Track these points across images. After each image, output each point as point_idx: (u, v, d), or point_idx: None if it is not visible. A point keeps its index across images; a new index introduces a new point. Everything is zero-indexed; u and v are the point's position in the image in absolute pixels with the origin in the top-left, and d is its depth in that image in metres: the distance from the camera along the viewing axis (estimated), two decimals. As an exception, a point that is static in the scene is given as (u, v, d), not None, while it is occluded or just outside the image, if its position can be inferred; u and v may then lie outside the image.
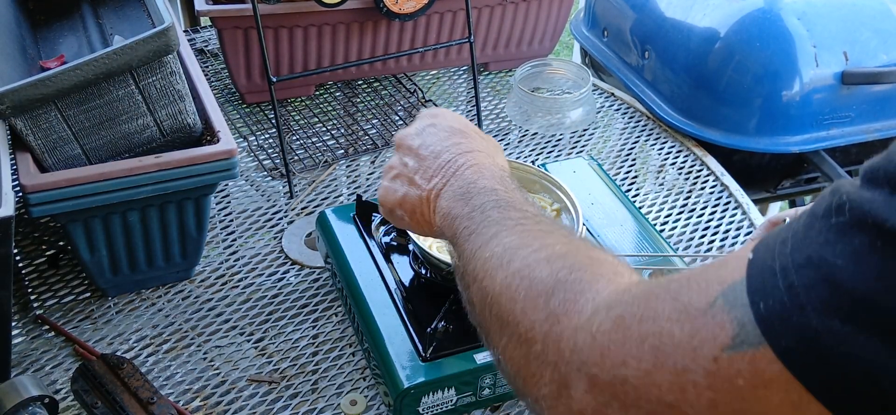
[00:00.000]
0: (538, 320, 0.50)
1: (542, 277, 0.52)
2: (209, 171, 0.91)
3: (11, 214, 0.74)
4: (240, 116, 1.37)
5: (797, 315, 0.36)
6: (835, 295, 0.36)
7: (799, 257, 0.38)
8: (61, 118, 0.88)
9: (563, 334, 0.48)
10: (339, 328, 0.97)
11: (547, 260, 0.54)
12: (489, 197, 0.64)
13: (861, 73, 1.28)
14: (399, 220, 0.75)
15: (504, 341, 0.54)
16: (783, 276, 0.38)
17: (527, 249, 0.56)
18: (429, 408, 0.82)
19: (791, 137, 1.30)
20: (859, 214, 0.36)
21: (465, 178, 0.68)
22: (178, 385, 0.90)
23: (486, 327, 0.57)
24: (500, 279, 0.55)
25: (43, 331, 0.96)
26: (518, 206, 0.63)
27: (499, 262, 0.57)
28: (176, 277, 1.02)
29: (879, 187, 0.37)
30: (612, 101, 1.47)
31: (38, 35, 1.13)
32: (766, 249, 0.40)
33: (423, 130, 0.75)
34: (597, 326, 0.46)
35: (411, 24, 1.36)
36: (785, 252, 0.38)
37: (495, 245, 0.58)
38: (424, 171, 0.71)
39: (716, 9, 1.32)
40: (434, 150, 0.72)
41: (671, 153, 1.33)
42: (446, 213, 0.67)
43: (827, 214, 0.38)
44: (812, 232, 0.38)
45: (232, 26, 1.27)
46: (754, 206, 1.21)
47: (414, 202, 0.72)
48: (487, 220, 0.62)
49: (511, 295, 0.54)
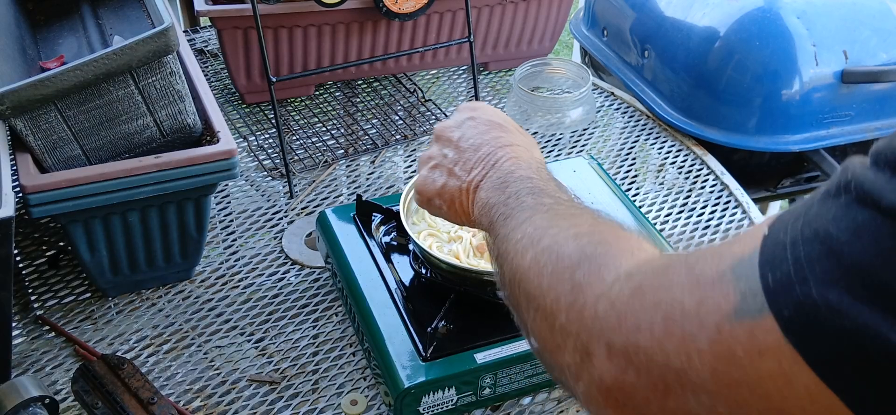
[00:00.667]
0: (563, 292, 0.52)
1: (569, 252, 0.54)
2: (209, 171, 0.91)
3: (11, 215, 0.74)
4: (240, 116, 1.37)
5: (800, 286, 0.38)
6: (836, 267, 0.37)
7: (808, 231, 0.39)
8: (61, 119, 0.88)
9: (586, 303, 0.49)
10: (339, 328, 0.97)
11: (574, 237, 0.55)
12: (524, 185, 0.66)
13: (861, 71, 1.28)
14: (437, 209, 0.76)
15: (531, 314, 0.56)
16: (792, 249, 0.39)
17: (556, 227, 0.58)
18: (429, 408, 0.82)
19: (791, 136, 1.30)
20: (862, 192, 0.38)
21: (504, 168, 0.70)
22: (179, 385, 0.90)
23: (516, 303, 0.59)
24: (530, 257, 0.57)
25: (43, 331, 0.96)
26: (551, 192, 0.65)
27: (530, 241, 0.58)
28: (176, 278, 1.02)
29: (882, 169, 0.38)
30: (611, 100, 1.47)
31: (37, 35, 1.13)
32: (780, 225, 0.41)
33: (463, 123, 0.76)
34: (616, 293, 0.48)
35: (411, 24, 1.36)
36: (797, 227, 0.40)
37: (527, 226, 0.60)
38: (464, 162, 0.73)
39: (715, 8, 1.32)
40: (474, 142, 0.73)
41: (671, 152, 1.33)
42: (484, 202, 0.69)
43: (837, 192, 0.39)
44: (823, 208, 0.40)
45: (232, 26, 1.27)
46: (754, 205, 1.21)
47: (453, 192, 0.73)
48: (521, 205, 0.64)
49: (538, 270, 0.55)
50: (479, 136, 0.74)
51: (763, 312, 0.39)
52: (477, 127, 0.75)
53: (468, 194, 0.72)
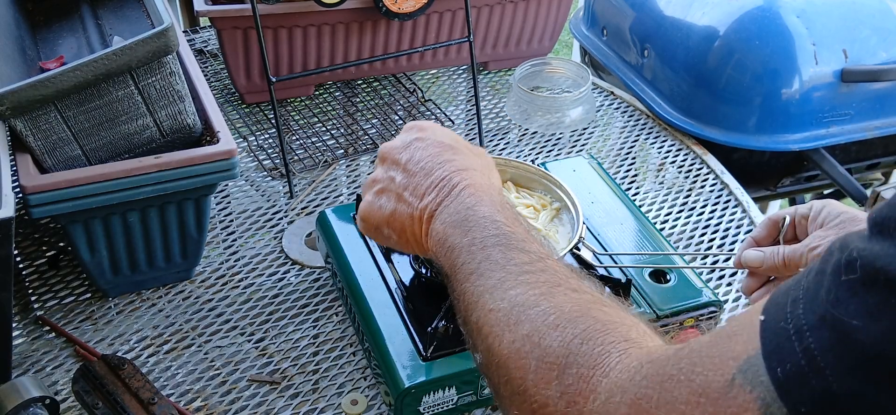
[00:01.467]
0: (552, 397, 0.49)
1: (554, 347, 0.51)
2: (209, 171, 0.91)
3: (12, 216, 0.74)
4: (239, 116, 1.37)
5: (815, 378, 0.36)
6: (852, 355, 0.35)
7: (812, 318, 0.37)
8: (61, 119, 0.88)
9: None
10: (339, 328, 0.97)
11: (556, 326, 0.52)
12: (490, 231, 0.61)
13: (861, 70, 1.28)
14: (385, 238, 0.72)
15: (515, 410, 0.53)
16: (798, 339, 0.37)
17: (535, 310, 0.54)
18: (429, 407, 0.82)
19: (791, 135, 1.30)
20: (871, 271, 0.35)
21: (463, 201, 0.65)
22: (179, 385, 0.90)
23: (495, 385, 0.56)
24: (508, 342, 0.54)
25: (43, 332, 0.96)
26: (520, 244, 0.60)
27: (506, 320, 0.55)
28: (176, 278, 1.02)
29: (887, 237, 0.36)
30: (611, 99, 1.47)
31: (37, 36, 1.13)
32: (777, 310, 0.39)
33: (410, 144, 0.71)
34: (613, 412, 0.45)
35: (411, 24, 1.36)
36: (798, 313, 0.38)
37: (500, 299, 0.56)
38: (415, 187, 0.68)
39: (715, 7, 1.33)
40: (425, 166, 0.68)
41: (671, 152, 1.33)
42: (441, 239, 0.64)
43: (836, 270, 0.37)
44: (822, 291, 0.37)
45: (231, 26, 1.27)
46: (754, 204, 1.21)
47: (404, 220, 0.68)
48: (489, 261, 0.59)
49: (520, 363, 0.52)
50: (429, 158, 0.69)
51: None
52: (426, 148, 0.70)
53: (421, 223, 0.67)
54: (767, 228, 0.82)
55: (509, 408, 0.54)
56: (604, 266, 0.92)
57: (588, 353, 0.49)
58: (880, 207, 0.37)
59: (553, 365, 0.50)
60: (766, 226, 0.83)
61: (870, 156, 1.44)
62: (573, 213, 0.92)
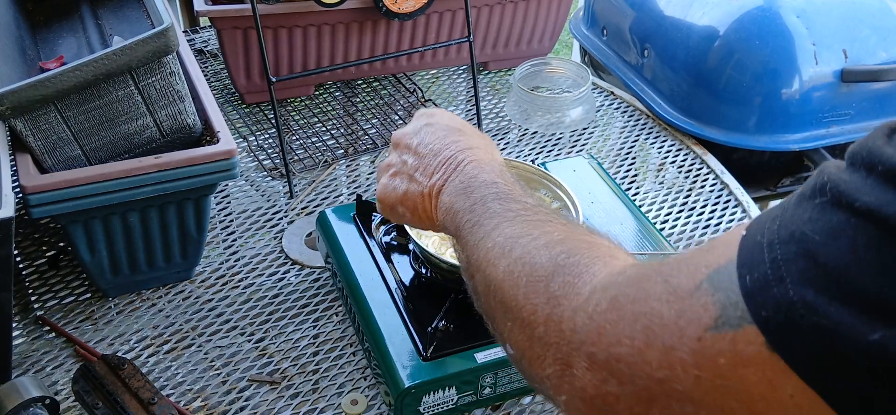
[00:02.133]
0: (540, 304, 0.53)
1: (542, 263, 0.54)
2: (209, 171, 0.91)
3: (12, 216, 0.74)
4: (239, 116, 1.37)
5: (777, 286, 0.39)
6: (811, 267, 0.38)
7: (784, 233, 0.40)
8: (61, 119, 0.88)
9: (563, 316, 0.50)
10: (339, 328, 0.97)
11: (546, 246, 0.56)
12: (490, 190, 0.66)
13: (860, 70, 1.28)
14: (400, 216, 0.77)
15: (508, 325, 0.56)
16: (769, 250, 0.40)
17: (527, 237, 0.58)
18: (429, 407, 0.82)
19: (791, 135, 1.30)
20: (837, 194, 0.39)
21: (467, 172, 0.70)
22: (179, 385, 0.90)
23: (491, 313, 0.60)
24: (503, 267, 0.58)
25: (43, 332, 0.96)
26: (517, 197, 0.65)
27: (501, 251, 0.59)
28: (176, 278, 1.02)
29: (856, 170, 0.39)
30: (611, 99, 1.47)
31: (37, 36, 1.13)
32: (757, 226, 0.42)
33: (421, 130, 0.76)
34: (593, 306, 0.48)
35: (411, 24, 1.36)
36: (773, 229, 0.41)
37: (497, 235, 0.60)
38: (425, 168, 0.73)
39: (715, 7, 1.32)
40: (433, 147, 0.74)
41: (671, 152, 1.33)
42: (448, 207, 0.69)
43: (812, 194, 0.40)
44: (798, 210, 0.40)
45: (231, 26, 1.27)
46: (754, 204, 1.22)
47: (415, 199, 0.73)
48: (488, 211, 0.64)
49: (513, 281, 0.56)
50: (437, 141, 0.74)
51: (744, 322, 0.40)
52: (435, 132, 0.75)
53: (430, 199, 0.72)
54: None
55: (502, 326, 0.57)
56: None
57: (575, 263, 0.53)
58: (854, 144, 0.41)
59: (541, 278, 0.54)
60: None
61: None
62: (573, 213, 0.92)
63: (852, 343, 0.36)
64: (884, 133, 0.39)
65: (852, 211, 0.37)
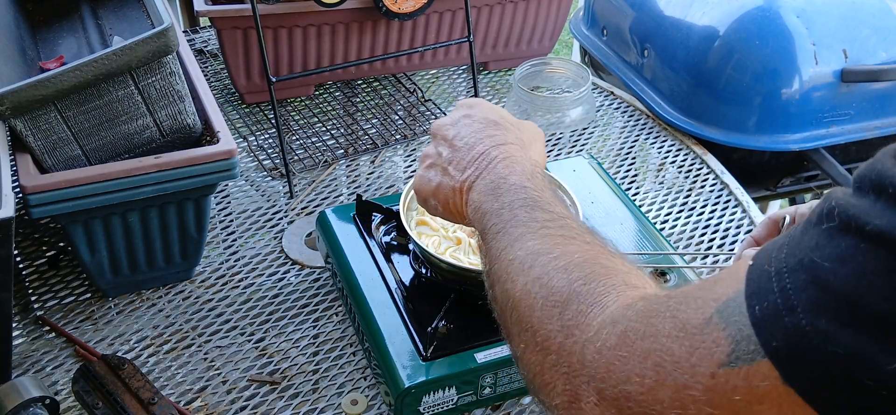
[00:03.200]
0: (553, 331, 0.52)
1: (559, 287, 0.54)
2: (209, 171, 0.91)
3: (12, 216, 0.74)
4: (239, 116, 1.37)
5: (788, 315, 0.38)
6: (822, 295, 0.37)
7: (792, 261, 0.39)
8: (61, 119, 0.88)
9: (574, 348, 0.50)
10: (339, 328, 0.97)
11: (564, 269, 0.55)
12: (518, 195, 0.65)
13: (860, 70, 1.28)
14: (433, 209, 0.76)
15: (522, 346, 0.56)
16: (777, 279, 0.39)
17: (547, 256, 0.58)
18: (429, 407, 0.82)
19: (791, 135, 1.30)
20: (845, 218, 0.38)
21: (497, 172, 0.69)
22: (179, 385, 0.90)
23: (507, 328, 0.60)
24: (521, 285, 0.57)
25: (43, 332, 0.96)
26: (545, 206, 0.64)
27: (521, 266, 0.58)
28: (176, 278, 1.02)
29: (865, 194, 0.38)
30: (611, 99, 1.47)
31: (37, 36, 1.13)
32: (764, 256, 0.42)
33: (458, 121, 0.75)
34: (603, 341, 0.48)
35: (411, 24, 1.36)
36: (780, 257, 0.40)
37: (519, 248, 0.60)
38: (458, 162, 0.72)
39: (715, 7, 1.32)
40: (468, 141, 0.73)
41: (671, 152, 1.33)
42: (477, 206, 0.69)
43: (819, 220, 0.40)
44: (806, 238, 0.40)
45: (231, 26, 1.27)
46: (754, 204, 1.21)
47: (447, 193, 0.73)
48: (515, 219, 0.63)
49: (530, 302, 0.56)
50: (473, 134, 0.73)
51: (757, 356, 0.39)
52: (472, 125, 0.74)
53: (461, 194, 0.71)
54: (768, 227, 0.83)
55: (517, 345, 0.57)
56: None
57: (589, 292, 0.52)
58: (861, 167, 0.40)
59: (557, 303, 0.53)
60: (767, 225, 0.83)
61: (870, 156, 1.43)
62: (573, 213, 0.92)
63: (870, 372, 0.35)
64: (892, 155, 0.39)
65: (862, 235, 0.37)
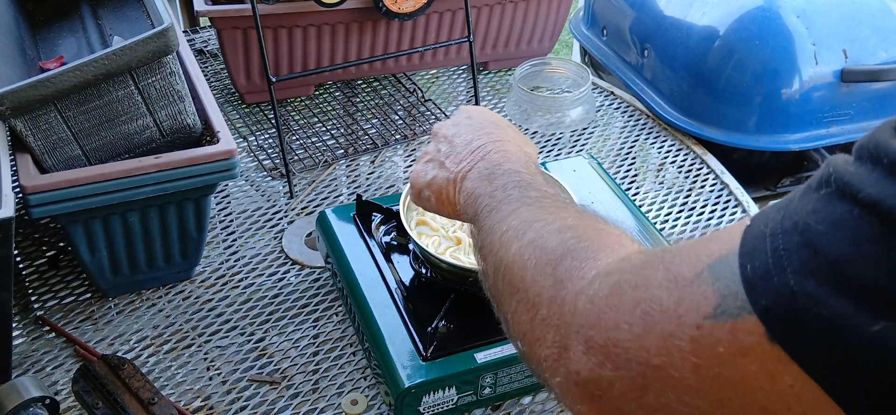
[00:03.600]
0: (545, 286, 0.53)
1: (553, 246, 0.55)
2: (209, 171, 0.91)
3: (12, 216, 0.74)
4: (239, 116, 1.37)
5: (778, 275, 0.38)
6: (813, 258, 0.38)
7: (787, 223, 0.40)
8: (61, 119, 0.88)
9: (566, 299, 0.51)
10: (339, 328, 0.97)
11: (558, 231, 0.57)
12: (512, 178, 0.67)
13: (861, 70, 1.28)
14: (426, 201, 0.78)
15: (513, 306, 0.57)
16: (771, 240, 0.40)
17: (541, 222, 0.59)
18: (429, 407, 0.82)
19: (791, 135, 1.30)
20: (842, 185, 0.38)
21: (491, 160, 0.71)
22: (179, 385, 0.90)
23: (498, 294, 0.60)
24: (515, 249, 0.59)
25: (43, 332, 0.96)
26: (538, 186, 0.66)
27: (514, 233, 0.60)
28: (176, 278, 1.02)
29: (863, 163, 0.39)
30: (611, 99, 1.47)
31: (37, 36, 1.13)
32: (762, 217, 0.42)
33: (459, 123, 0.79)
34: (595, 290, 0.49)
35: (411, 24, 1.36)
36: (777, 219, 0.41)
37: (513, 219, 0.62)
38: (455, 156, 0.75)
39: (715, 7, 1.32)
40: (466, 138, 0.76)
41: (671, 152, 1.33)
42: (470, 192, 0.71)
43: (819, 185, 0.40)
44: (804, 201, 0.40)
45: (231, 27, 1.27)
46: (754, 204, 1.21)
47: (441, 184, 0.75)
48: (508, 198, 0.65)
49: (523, 263, 0.57)
50: (472, 132, 0.76)
51: (743, 312, 0.40)
52: (473, 125, 0.77)
53: (455, 184, 0.74)
54: None
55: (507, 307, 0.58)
56: None
57: (584, 248, 0.53)
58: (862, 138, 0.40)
59: (550, 261, 0.54)
60: None
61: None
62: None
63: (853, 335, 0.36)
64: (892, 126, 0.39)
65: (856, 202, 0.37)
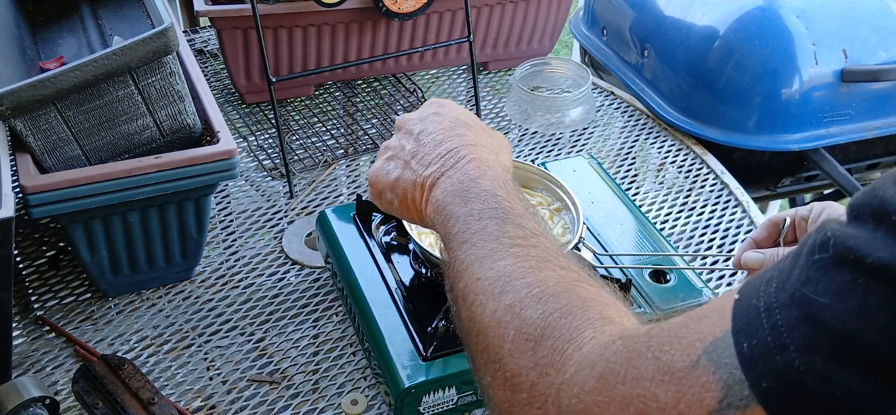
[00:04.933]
0: (526, 368, 0.49)
1: (533, 319, 0.51)
2: (209, 171, 0.91)
3: (12, 216, 0.74)
4: (240, 116, 1.37)
5: (780, 354, 0.36)
6: (817, 333, 0.35)
7: (783, 296, 0.37)
8: (61, 119, 0.88)
9: (549, 391, 0.47)
10: (339, 328, 0.97)
11: (538, 299, 0.52)
12: (488, 203, 0.61)
13: (860, 70, 1.28)
14: (387, 204, 0.72)
15: (489, 378, 0.53)
16: (767, 315, 0.37)
17: (521, 281, 0.54)
18: (429, 407, 0.82)
19: (791, 135, 1.30)
20: (842, 250, 0.36)
21: (466, 172, 0.65)
22: (179, 385, 0.90)
23: (472, 353, 0.56)
24: (491, 311, 0.54)
25: (43, 332, 0.96)
26: (517, 219, 0.60)
27: (491, 290, 0.55)
28: (176, 278, 1.02)
29: (863, 223, 0.36)
30: (611, 99, 1.47)
31: (37, 36, 1.13)
32: (751, 290, 0.39)
33: (427, 117, 0.72)
34: (581, 385, 0.45)
35: (411, 24, 1.36)
36: (769, 291, 0.38)
37: (489, 268, 0.56)
38: (422, 157, 0.69)
39: (715, 7, 1.32)
40: (436, 138, 0.69)
41: (671, 152, 1.33)
42: (441, 206, 0.65)
43: (811, 251, 0.37)
44: (796, 270, 0.37)
45: (231, 27, 1.27)
46: (754, 204, 1.21)
47: (406, 186, 0.69)
48: (484, 231, 0.59)
49: (500, 332, 0.52)
50: (441, 131, 0.69)
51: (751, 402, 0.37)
52: (441, 122, 0.71)
53: (422, 190, 0.67)
54: (768, 229, 0.82)
55: (483, 376, 0.54)
56: (604, 266, 0.92)
57: (565, 326, 0.49)
58: (857, 194, 0.38)
59: (530, 337, 0.50)
60: (767, 227, 0.82)
61: (870, 156, 1.44)
62: (573, 213, 0.92)
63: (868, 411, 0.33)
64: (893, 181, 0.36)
65: (861, 269, 0.34)
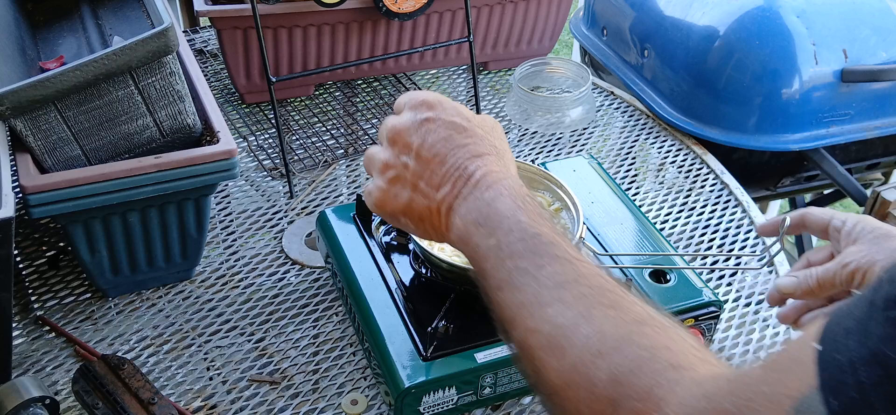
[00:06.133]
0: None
1: (601, 378, 0.51)
2: (209, 171, 0.91)
3: (12, 216, 0.74)
4: (239, 116, 1.37)
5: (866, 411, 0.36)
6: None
7: (864, 352, 0.37)
8: (61, 119, 0.88)
9: None
10: (339, 328, 0.97)
11: (600, 354, 0.52)
12: (515, 234, 0.60)
13: (860, 70, 1.28)
14: (403, 226, 0.70)
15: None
16: (852, 372, 0.37)
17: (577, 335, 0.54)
18: (430, 407, 0.82)
19: (791, 135, 1.30)
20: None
21: (481, 196, 0.63)
22: (179, 385, 0.90)
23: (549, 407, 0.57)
24: (555, 371, 0.54)
25: (43, 332, 0.96)
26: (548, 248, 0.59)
27: (549, 346, 0.55)
28: (176, 278, 1.02)
29: None
30: (611, 99, 1.47)
31: (37, 36, 1.13)
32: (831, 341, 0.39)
33: (421, 127, 0.68)
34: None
35: (411, 24, 1.36)
36: (850, 346, 0.38)
37: (539, 318, 0.56)
38: (429, 176, 0.66)
39: (715, 7, 1.33)
40: (438, 151, 0.66)
41: (671, 152, 1.33)
42: (464, 237, 0.64)
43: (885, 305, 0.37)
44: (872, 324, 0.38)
45: (231, 27, 1.27)
46: (754, 204, 1.21)
47: (421, 211, 0.67)
48: (519, 270, 0.58)
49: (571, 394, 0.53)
50: (442, 143, 0.67)
51: None
52: (438, 131, 0.67)
53: (439, 215, 0.66)
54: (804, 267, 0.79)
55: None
56: (604, 266, 0.92)
57: (637, 385, 0.49)
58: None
59: (603, 398, 0.50)
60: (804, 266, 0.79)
61: (870, 156, 1.45)
62: (573, 213, 0.92)
63: None
64: None
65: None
